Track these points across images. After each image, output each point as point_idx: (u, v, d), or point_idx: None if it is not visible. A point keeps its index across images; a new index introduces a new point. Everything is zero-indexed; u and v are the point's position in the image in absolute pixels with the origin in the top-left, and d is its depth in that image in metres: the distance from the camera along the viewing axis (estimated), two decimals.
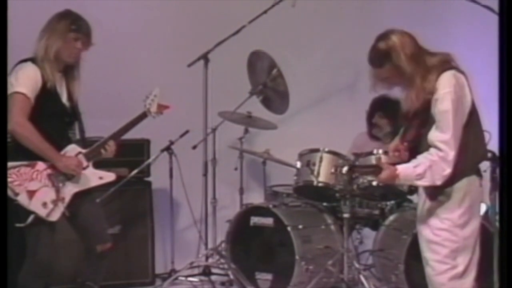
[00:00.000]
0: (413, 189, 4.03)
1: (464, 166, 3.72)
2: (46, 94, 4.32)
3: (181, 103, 6.01)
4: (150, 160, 5.97)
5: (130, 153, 5.85)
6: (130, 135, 4.72)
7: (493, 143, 3.93)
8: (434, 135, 3.68)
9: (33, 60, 4.35)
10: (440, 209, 3.77)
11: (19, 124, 4.23)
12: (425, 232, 3.82)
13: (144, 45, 6.42)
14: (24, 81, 4.27)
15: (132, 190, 5.91)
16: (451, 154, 3.64)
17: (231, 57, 6.16)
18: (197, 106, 5.93)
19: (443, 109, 3.65)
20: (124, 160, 5.64)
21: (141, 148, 6.01)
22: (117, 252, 5.62)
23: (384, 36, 3.80)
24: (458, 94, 3.68)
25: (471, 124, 3.74)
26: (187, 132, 5.99)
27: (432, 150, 3.67)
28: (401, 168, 3.66)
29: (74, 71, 4.47)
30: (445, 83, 3.67)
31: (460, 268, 3.76)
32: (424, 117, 3.73)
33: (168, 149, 6.02)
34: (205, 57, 5.92)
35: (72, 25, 4.37)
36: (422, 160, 3.67)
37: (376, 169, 3.70)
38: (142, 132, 5.69)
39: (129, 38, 6.34)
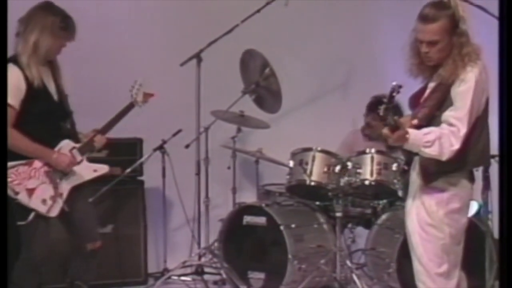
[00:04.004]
0: (406, 170, 4.01)
1: (467, 158, 3.73)
2: (35, 94, 4.31)
3: (173, 102, 6.04)
4: (142, 159, 5.97)
5: (123, 152, 5.84)
6: (123, 134, 4.71)
7: (493, 142, 3.96)
8: (449, 113, 3.70)
9: (15, 60, 4.30)
10: (429, 202, 3.78)
11: None
12: (413, 226, 3.83)
13: (136, 44, 6.41)
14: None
15: (124, 189, 5.90)
16: (463, 131, 3.66)
17: (224, 56, 6.15)
18: (190, 105, 5.92)
19: (466, 88, 3.68)
20: (116, 159, 5.64)
21: (133, 147, 6.00)
22: (109, 251, 5.63)
23: None
24: (483, 81, 3.72)
25: (481, 121, 3.76)
26: (179, 131, 5.99)
27: (443, 125, 3.69)
28: (412, 132, 3.63)
29: (54, 62, 4.45)
30: (473, 68, 3.71)
31: (445, 267, 3.78)
32: (440, 99, 3.74)
33: (160, 148, 6.02)
34: (197, 56, 5.91)
35: (61, 23, 4.35)
36: (433, 129, 3.67)
37: (394, 126, 3.58)
38: (135, 131, 5.70)
39: (122, 37, 6.33)
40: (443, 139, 3.64)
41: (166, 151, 6.04)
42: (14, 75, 4.27)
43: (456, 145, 3.66)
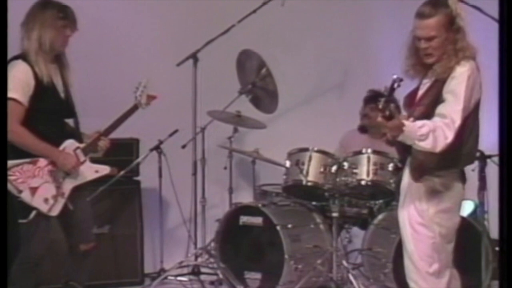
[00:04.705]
0: (400, 168, 4.02)
1: (457, 157, 3.73)
2: (43, 91, 4.31)
3: (170, 103, 6.03)
4: (139, 160, 5.97)
5: (119, 153, 5.83)
6: (119, 135, 4.71)
7: (488, 143, 3.95)
8: (442, 108, 3.70)
9: (24, 57, 4.32)
10: (419, 200, 3.79)
11: (11, 131, 4.21)
12: (404, 225, 3.84)
13: (133, 44, 6.41)
14: (15, 85, 4.24)
15: (121, 189, 5.91)
16: (457, 123, 3.66)
17: (220, 56, 6.16)
18: (186, 105, 5.92)
19: (458, 84, 3.69)
20: (113, 160, 5.61)
21: (130, 147, 6.00)
22: (106, 252, 5.64)
23: None
24: (474, 80, 3.73)
25: (472, 121, 3.77)
26: (176, 131, 5.99)
27: (435, 118, 3.69)
28: (408, 124, 3.62)
29: (63, 59, 4.46)
30: (465, 65, 3.73)
31: (436, 266, 3.79)
32: (436, 97, 3.74)
33: (157, 148, 6.02)
34: (194, 56, 5.92)
35: (59, 13, 4.36)
36: (427, 122, 3.67)
37: (390, 115, 3.56)
38: (131, 132, 5.70)
39: (119, 37, 6.34)
40: (437, 131, 3.64)
41: (163, 151, 6.04)
42: (23, 71, 4.28)
43: (450, 137, 3.65)
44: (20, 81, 4.26)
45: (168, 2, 6.48)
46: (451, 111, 3.67)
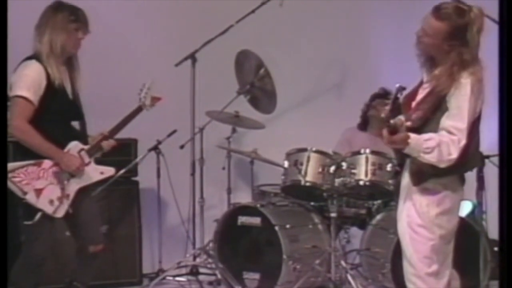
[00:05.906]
0: (398, 171, 4.02)
1: (458, 163, 3.73)
2: (54, 93, 4.32)
3: (168, 103, 6.02)
4: (137, 160, 5.97)
5: (118, 153, 5.80)
6: (118, 135, 4.72)
7: (487, 143, 3.95)
8: (448, 123, 3.67)
9: (37, 57, 4.33)
10: (420, 202, 3.78)
11: (17, 128, 4.25)
12: (404, 227, 3.83)
13: (131, 45, 6.41)
14: (27, 84, 4.27)
15: (119, 189, 5.90)
16: (463, 142, 3.64)
17: (219, 56, 6.16)
18: (185, 105, 5.93)
19: (463, 97, 3.66)
20: (111, 160, 5.62)
21: (128, 147, 6.00)
22: (104, 252, 5.63)
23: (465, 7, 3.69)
24: (479, 89, 3.70)
25: (476, 128, 3.76)
26: (174, 131, 5.99)
27: (443, 132, 3.66)
28: (413, 137, 3.60)
29: (74, 62, 4.49)
30: (470, 76, 3.68)
31: (435, 267, 3.78)
32: (436, 103, 3.71)
33: (155, 148, 6.02)
34: (192, 57, 5.92)
35: (71, 16, 4.38)
36: (433, 135, 3.65)
37: (394, 127, 3.54)
38: (130, 132, 5.69)
39: (118, 38, 6.33)
40: (442, 146, 3.62)
41: (161, 151, 6.04)
42: (36, 71, 4.30)
43: (454, 155, 3.64)
44: (33, 81, 4.29)
45: (167, 2, 6.48)
46: (458, 130, 3.64)
